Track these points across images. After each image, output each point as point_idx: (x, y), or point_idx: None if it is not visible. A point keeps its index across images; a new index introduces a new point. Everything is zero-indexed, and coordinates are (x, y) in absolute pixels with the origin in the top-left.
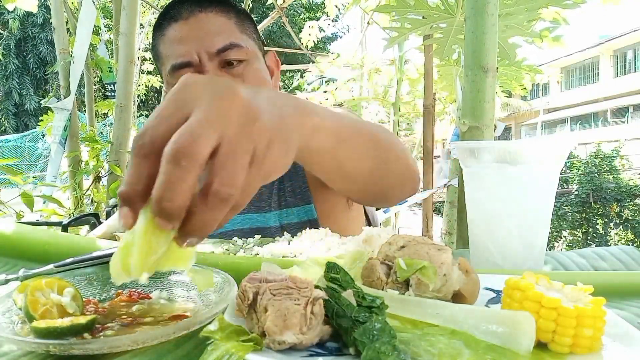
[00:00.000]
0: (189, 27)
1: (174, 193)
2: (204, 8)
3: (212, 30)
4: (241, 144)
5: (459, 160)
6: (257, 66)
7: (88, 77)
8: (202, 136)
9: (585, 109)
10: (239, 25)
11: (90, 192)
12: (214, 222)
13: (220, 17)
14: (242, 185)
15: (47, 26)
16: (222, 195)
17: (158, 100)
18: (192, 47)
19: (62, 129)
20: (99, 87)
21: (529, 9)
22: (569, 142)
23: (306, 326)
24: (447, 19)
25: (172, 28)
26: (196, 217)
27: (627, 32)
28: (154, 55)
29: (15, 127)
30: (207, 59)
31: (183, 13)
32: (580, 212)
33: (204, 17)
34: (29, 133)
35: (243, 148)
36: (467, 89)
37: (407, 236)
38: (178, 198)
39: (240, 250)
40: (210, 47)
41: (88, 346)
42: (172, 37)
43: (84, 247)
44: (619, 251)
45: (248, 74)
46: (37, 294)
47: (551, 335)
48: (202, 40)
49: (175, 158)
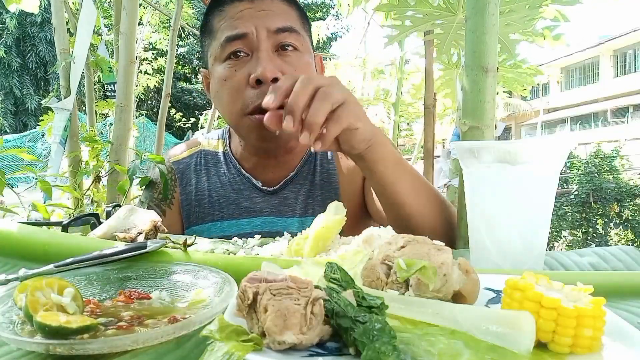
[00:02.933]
0: (253, 4)
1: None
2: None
3: (274, 11)
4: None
5: (459, 160)
6: (309, 60)
7: (88, 77)
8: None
9: (585, 109)
10: (300, 17)
11: (90, 192)
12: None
13: (284, 4)
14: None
15: (46, 25)
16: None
17: (157, 100)
18: (251, 22)
19: (62, 128)
20: (99, 87)
21: (530, 6)
22: (569, 142)
23: (306, 326)
24: (447, 17)
25: (234, 5)
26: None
27: (627, 32)
28: (203, 31)
29: (14, 127)
30: (264, 36)
31: None
32: (580, 212)
33: (268, 1)
34: (28, 133)
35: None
36: (467, 89)
37: (407, 236)
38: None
39: (240, 250)
40: (270, 24)
41: (88, 346)
42: (232, 12)
43: (84, 247)
44: (619, 251)
45: (300, 63)
46: (37, 294)
47: (551, 335)
48: (263, 17)
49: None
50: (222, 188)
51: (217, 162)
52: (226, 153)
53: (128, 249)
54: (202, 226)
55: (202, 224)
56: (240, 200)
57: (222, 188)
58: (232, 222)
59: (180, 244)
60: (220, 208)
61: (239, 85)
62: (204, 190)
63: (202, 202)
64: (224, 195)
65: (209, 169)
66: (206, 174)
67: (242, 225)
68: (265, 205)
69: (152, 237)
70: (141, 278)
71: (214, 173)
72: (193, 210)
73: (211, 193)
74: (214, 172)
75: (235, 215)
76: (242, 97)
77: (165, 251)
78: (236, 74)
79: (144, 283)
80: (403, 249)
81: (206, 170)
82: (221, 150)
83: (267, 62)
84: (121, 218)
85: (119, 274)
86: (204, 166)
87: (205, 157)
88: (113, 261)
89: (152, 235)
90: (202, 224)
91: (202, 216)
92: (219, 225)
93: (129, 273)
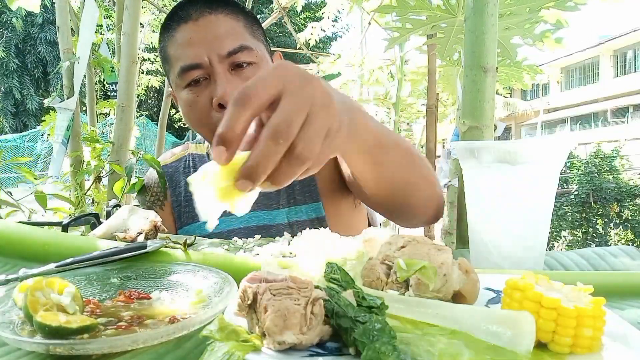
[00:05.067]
0: (199, 28)
1: (268, 163)
2: (213, 10)
3: (222, 32)
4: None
5: (459, 160)
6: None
7: (90, 76)
8: (295, 121)
9: (585, 109)
10: (248, 27)
11: (90, 192)
12: (290, 177)
13: (230, 19)
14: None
15: (46, 26)
16: (302, 157)
17: (158, 100)
18: (202, 50)
19: (64, 128)
20: (99, 87)
21: (530, 9)
22: (569, 142)
23: (306, 326)
24: (448, 18)
25: (181, 29)
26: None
27: (627, 32)
28: (162, 57)
29: (14, 127)
30: (217, 61)
31: (192, 14)
32: (580, 212)
33: (213, 18)
34: (28, 133)
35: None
36: (467, 89)
37: (407, 236)
38: (269, 167)
39: (240, 250)
40: (221, 49)
41: (88, 346)
42: (181, 39)
43: (84, 247)
44: (619, 251)
45: None
46: (37, 294)
47: (551, 335)
48: (212, 42)
49: (275, 137)
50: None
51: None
52: (210, 154)
53: (128, 249)
54: (192, 225)
55: (192, 223)
56: None
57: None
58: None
59: (181, 244)
60: None
61: (203, 109)
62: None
63: (191, 202)
64: None
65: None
66: None
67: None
68: None
69: (152, 237)
70: (141, 278)
71: None
72: (183, 210)
73: None
74: None
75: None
76: (209, 120)
77: (165, 251)
78: (199, 99)
79: (144, 283)
80: (403, 249)
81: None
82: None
83: (225, 85)
84: (121, 218)
85: (119, 274)
86: (193, 168)
87: (193, 159)
88: (113, 261)
89: (152, 235)
90: (192, 223)
91: (192, 216)
92: None
93: (129, 273)
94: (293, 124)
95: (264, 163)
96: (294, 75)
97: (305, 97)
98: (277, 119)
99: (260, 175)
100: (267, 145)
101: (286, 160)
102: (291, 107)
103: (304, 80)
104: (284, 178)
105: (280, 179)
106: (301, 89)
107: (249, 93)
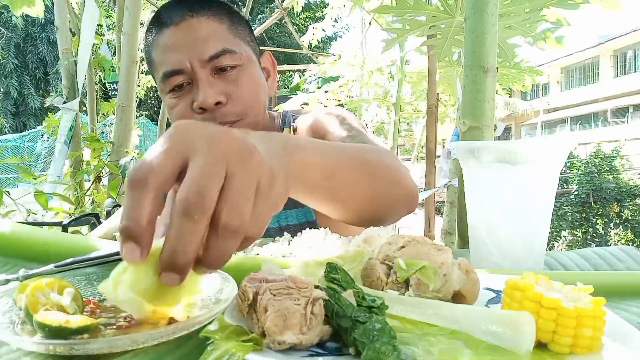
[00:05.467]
0: (180, 32)
1: (188, 246)
2: (195, 12)
3: (203, 36)
4: (244, 177)
5: (459, 160)
6: (252, 70)
7: (90, 77)
8: (208, 187)
9: (585, 109)
10: (232, 29)
11: (90, 192)
12: (228, 253)
13: (212, 21)
14: (250, 216)
15: (47, 26)
16: (232, 227)
17: (158, 100)
18: (184, 55)
19: (67, 129)
20: (100, 87)
21: (530, 9)
22: (569, 142)
23: (306, 326)
24: (446, 19)
25: (163, 34)
26: (211, 251)
27: (627, 32)
28: (147, 60)
29: (14, 127)
30: (199, 67)
31: (174, 18)
32: (580, 212)
33: (194, 22)
34: (28, 133)
35: (247, 181)
36: (467, 89)
37: (407, 236)
38: (191, 250)
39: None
40: (202, 54)
41: (88, 346)
42: (163, 43)
43: (84, 247)
44: (619, 251)
45: (242, 79)
46: (37, 294)
47: (551, 335)
48: (193, 47)
49: (187, 213)
50: None
51: None
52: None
53: None
54: None
55: None
56: None
57: None
58: None
59: None
60: None
61: (185, 113)
62: None
63: None
64: None
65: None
66: None
67: None
68: None
69: None
70: None
71: None
72: None
73: None
74: None
75: None
76: None
77: None
78: (180, 103)
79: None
80: (403, 249)
81: None
82: None
83: (206, 89)
84: None
85: None
86: None
87: None
88: (113, 261)
89: None
90: None
91: None
92: None
93: None
94: (207, 192)
95: (182, 248)
96: (198, 136)
97: (217, 156)
98: (185, 191)
99: (184, 263)
100: (181, 225)
101: (214, 236)
102: (200, 172)
103: (211, 137)
104: (220, 256)
105: (215, 260)
106: (211, 148)
107: (145, 170)
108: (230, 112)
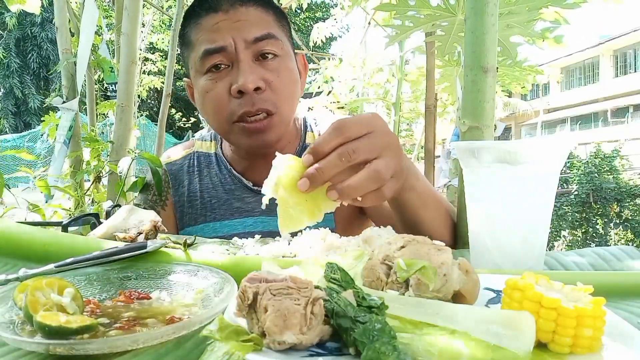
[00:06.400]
0: (228, 16)
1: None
2: (244, 2)
3: (250, 20)
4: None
5: (459, 160)
6: (291, 65)
7: (90, 77)
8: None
9: (585, 109)
10: (277, 21)
11: (90, 192)
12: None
13: (260, 12)
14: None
15: (47, 25)
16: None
17: (158, 100)
18: (228, 34)
19: (67, 128)
20: (100, 87)
21: (530, 8)
22: (569, 142)
23: (306, 326)
24: (448, 17)
25: (209, 17)
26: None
27: (627, 32)
28: (182, 42)
29: (14, 126)
30: (242, 47)
31: (223, 5)
32: (580, 212)
33: (243, 10)
34: (28, 133)
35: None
36: (467, 89)
37: (407, 236)
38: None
39: (241, 250)
40: (247, 34)
41: (88, 346)
42: (209, 24)
43: (84, 247)
44: (619, 251)
45: (282, 70)
46: (37, 294)
47: (551, 335)
48: (239, 27)
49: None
50: (213, 189)
51: (210, 163)
52: (218, 154)
53: (128, 249)
54: (194, 227)
55: (194, 225)
56: (232, 200)
57: (214, 189)
58: (224, 223)
59: (181, 244)
60: (212, 209)
61: (221, 96)
62: (196, 191)
63: (194, 204)
64: (215, 196)
65: (202, 171)
66: (198, 175)
67: (234, 226)
68: (257, 205)
69: (152, 237)
70: (141, 278)
71: (206, 174)
72: (186, 211)
73: (203, 194)
74: (206, 174)
75: (227, 215)
76: (227, 107)
77: (165, 251)
78: (218, 86)
79: (144, 283)
80: (403, 249)
81: (199, 172)
82: (213, 152)
83: (247, 73)
84: (121, 218)
85: (119, 274)
86: (197, 167)
87: (198, 158)
88: (113, 261)
89: (152, 235)
90: (194, 225)
91: (194, 217)
92: (212, 226)
93: (129, 273)
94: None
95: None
96: (382, 125)
97: (383, 141)
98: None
99: (319, 178)
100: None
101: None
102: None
103: (388, 131)
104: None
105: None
106: (384, 135)
107: (346, 124)
108: (268, 100)
